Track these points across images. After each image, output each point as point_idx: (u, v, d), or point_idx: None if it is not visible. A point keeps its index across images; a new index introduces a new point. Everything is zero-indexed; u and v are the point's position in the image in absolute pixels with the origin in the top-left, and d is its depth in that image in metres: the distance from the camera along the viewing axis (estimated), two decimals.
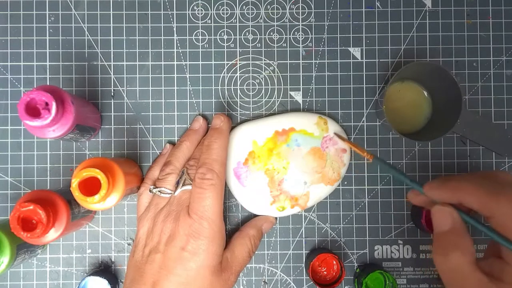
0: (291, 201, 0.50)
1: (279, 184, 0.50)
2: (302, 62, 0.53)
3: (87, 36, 0.52)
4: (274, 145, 0.50)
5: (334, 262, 0.50)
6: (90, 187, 0.42)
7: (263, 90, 0.53)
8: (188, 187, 0.47)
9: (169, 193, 0.47)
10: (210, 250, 0.44)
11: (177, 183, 0.47)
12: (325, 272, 0.50)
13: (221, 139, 0.48)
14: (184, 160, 0.49)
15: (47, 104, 0.40)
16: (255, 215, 0.52)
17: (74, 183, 0.41)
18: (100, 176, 0.41)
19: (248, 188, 0.50)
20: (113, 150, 0.52)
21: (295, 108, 0.53)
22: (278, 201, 0.50)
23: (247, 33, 0.53)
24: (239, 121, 0.53)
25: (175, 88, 0.53)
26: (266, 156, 0.50)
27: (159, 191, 0.47)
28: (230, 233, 0.51)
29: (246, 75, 0.53)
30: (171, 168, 0.48)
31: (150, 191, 0.48)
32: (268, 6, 0.53)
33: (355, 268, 0.52)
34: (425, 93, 0.52)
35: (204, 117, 0.52)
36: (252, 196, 0.50)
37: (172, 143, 0.52)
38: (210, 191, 0.45)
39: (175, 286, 0.43)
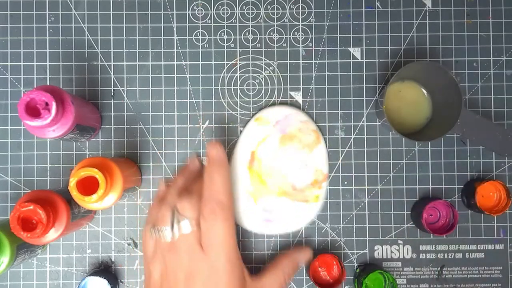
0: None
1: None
2: (302, 62, 0.53)
3: (87, 36, 0.52)
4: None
5: (334, 263, 0.50)
6: (89, 186, 0.42)
7: (263, 90, 0.53)
8: (184, 223, 0.43)
9: (170, 233, 0.44)
10: (231, 283, 0.42)
11: (172, 221, 0.44)
12: (325, 273, 0.50)
13: (222, 169, 0.45)
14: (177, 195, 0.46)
15: (47, 104, 0.40)
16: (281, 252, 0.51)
17: (72, 182, 0.41)
18: (98, 175, 0.41)
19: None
20: (113, 150, 0.52)
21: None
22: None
23: (247, 33, 0.53)
24: (239, 121, 0.53)
25: (175, 88, 0.53)
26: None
27: (158, 232, 0.44)
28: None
29: (246, 75, 0.53)
30: (166, 207, 0.45)
31: (150, 232, 0.45)
32: (268, 6, 0.53)
33: (355, 268, 0.52)
34: (425, 93, 0.52)
35: (199, 157, 0.51)
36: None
37: (167, 179, 0.51)
38: (222, 224, 0.43)
39: None
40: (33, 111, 0.40)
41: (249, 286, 0.44)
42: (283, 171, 0.50)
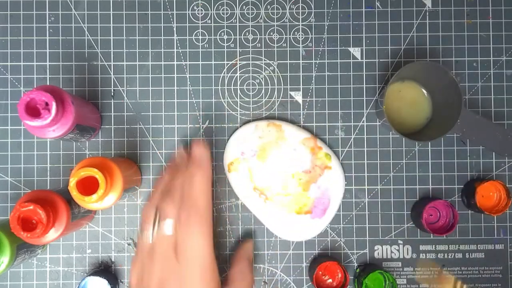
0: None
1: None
2: (302, 62, 0.53)
3: (87, 36, 0.52)
4: None
5: (338, 271, 0.50)
6: (89, 186, 0.42)
7: (263, 90, 0.53)
8: (165, 226, 0.41)
9: (150, 237, 0.42)
10: None
11: (153, 224, 0.42)
12: (330, 280, 0.50)
13: (202, 171, 0.43)
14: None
15: (47, 104, 0.40)
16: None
17: (72, 182, 0.41)
18: (98, 175, 0.41)
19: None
20: (113, 150, 0.52)
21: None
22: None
23: (247, 33, 0.53)
24: (239, 121, 0.53)
25: (175, 88, 0.53)
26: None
27: (142, 234, 0.42)
28: (232, 246, 0.51)
29: (246, 75, 0.53)
30: (151, 208, 0.43)
31: (137, 234, 0.44)
32: (268, 6, 0.53)
33: (355, 268, 0.52)
34: (425, 93, 0.52)
35: (186, 147, 0.49)
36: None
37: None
38: (197, 231, 0.40)
39: None
40: (33, 111, 0.40)
41: None
42: (287, 172, 0.50)
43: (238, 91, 0.53)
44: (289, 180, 0.50)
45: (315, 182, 0.50)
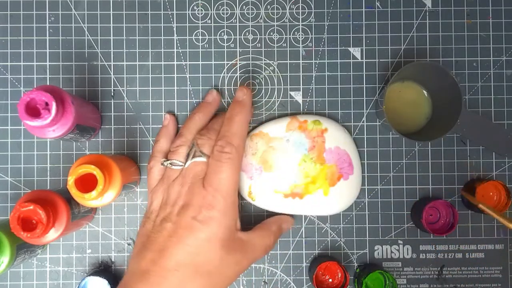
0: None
1: None
2: (302, 62, 0.53)
3: (87, 36, 0.52)
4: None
5: (338, 271, 0.50)
6: (88, 184, 0.42)
7: (263, 90, 0.53)
8: (199, 159, 0.46)
9: (180, 165, 0.47)
10: (222, 223, 0.43)
11: (187, 155, 0.47)
12: (330, 280, 0.50)
13: (243, 113, 0.47)
14: (196, 132, 0.49)
15: (47, 104, 0.40)
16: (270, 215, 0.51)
17: (70, 180, 0.41)
18: (96, 172, 0.41)
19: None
20: (113, 150, 0.52)
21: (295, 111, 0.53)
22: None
23: (247, 33, 0.53)
24: None
25: (175, 88, 0.53)
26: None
27: (170, 164, 0.47)
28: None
29: (246, 75, 0.53)
30: (182, 140, 0.48)
31: (162, 164, 0.47)
32: (268, 6, 0.53)
33: (355, 268, 0.52)
34: (425, 93, 0.52)
35: (218, 90, 0.52)
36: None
37: (172, 113, 0.52)
38: (228, 164, 0.44)
39: (183, 255, 0.42)
40: (33, 111, 0.40)
41: (238, 234, 0.45)
42: (297, 162, 0.50)
43: None
44: (304, 167, 0.50)
45: (325, 151, 0.50)
